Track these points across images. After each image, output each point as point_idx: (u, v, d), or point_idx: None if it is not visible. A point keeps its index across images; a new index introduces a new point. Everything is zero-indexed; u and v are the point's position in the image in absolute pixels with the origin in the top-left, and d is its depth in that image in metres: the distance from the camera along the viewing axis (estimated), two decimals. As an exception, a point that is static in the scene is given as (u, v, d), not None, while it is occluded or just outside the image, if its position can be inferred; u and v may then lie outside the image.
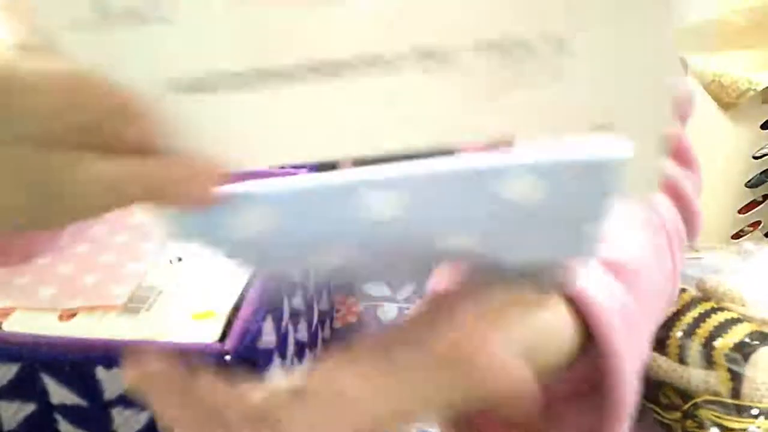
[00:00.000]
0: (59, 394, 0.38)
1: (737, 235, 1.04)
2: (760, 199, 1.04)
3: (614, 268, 0.34)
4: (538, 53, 0.19)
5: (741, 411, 0.52)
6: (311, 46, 0.19)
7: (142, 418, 0.37)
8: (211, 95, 0.20)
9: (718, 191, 0.97)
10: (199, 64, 0.19)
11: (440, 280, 0.28)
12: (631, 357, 0.31)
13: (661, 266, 0.39)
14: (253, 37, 0.19)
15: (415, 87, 0.20)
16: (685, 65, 0.52)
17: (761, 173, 1.02)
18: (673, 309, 0.58)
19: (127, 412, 0.37)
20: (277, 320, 0.43)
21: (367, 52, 0.19)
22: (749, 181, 1.02)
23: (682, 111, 0.49)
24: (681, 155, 0.47)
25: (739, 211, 1.03)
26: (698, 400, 0.53)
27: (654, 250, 0.39)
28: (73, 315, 0.42)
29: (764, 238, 1.06)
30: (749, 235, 1.04)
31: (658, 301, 0.38)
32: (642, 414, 0.58)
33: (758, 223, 1.05)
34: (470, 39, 0.19)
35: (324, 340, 0.60)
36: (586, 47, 0.19)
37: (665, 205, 0.43)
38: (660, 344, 0.57)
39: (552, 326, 0.28)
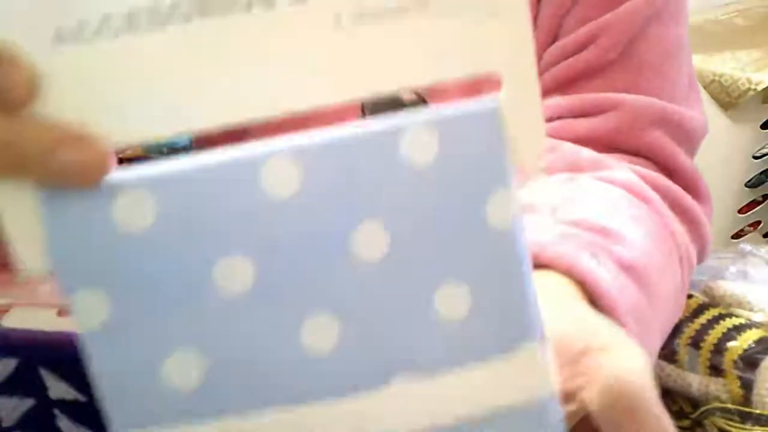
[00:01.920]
0: (58, 389, 0.38)
1: (737, 235, 1.04)
2: (760, 199, 1.04)
3: (627, 267, 0.34)
4: None
5: (751, 419, 0.52)
6: None
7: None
8: (96, 42, 0.17)
9: (718, 191, 0.97)
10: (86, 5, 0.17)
11: None
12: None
13: (672, 273, 0.39)
14: None
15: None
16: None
17: (761, 173, 1.02)
18: (681, 316, 0.58)
19: (125, 406, 0.38)
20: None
21: None
22: (749, 181, 1.02)
23: (695, 140, 0.49)
24: (693, 186, 0.47)
25: (739, 211, 1.03)
26: (708, 408, 0.53)
27: (666, 259, 0.38)
28: (72, 311, 0.42)
29: (763, 238, 1.06)
30: (749, 235, 1.04)
31: (669, 306, 0.38)
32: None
33: (758, 223, 1.05)
34: None
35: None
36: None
37: (680, 230, 0.43)
38: (668, 352, 0.57)
39: None
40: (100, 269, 0.18)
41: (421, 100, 0.50)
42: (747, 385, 0.52)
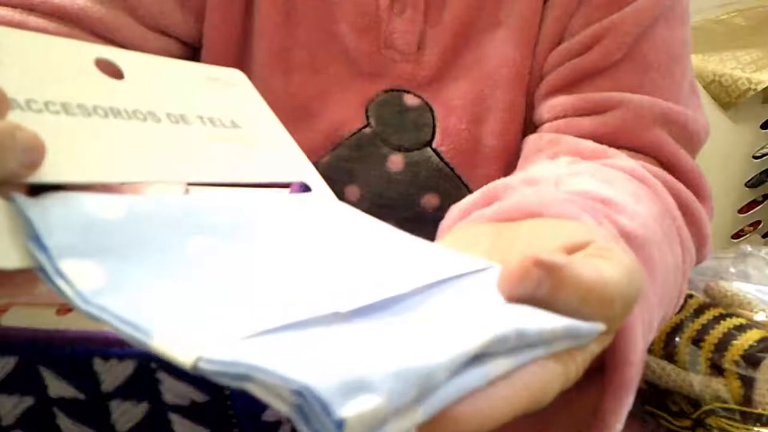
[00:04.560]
0: (57, 387, 0.38)
1: (737, 235, 1.04)
2: (760, 199, 1.04)
3: (627, 235, 0.33)
4: None
5: (752, 418, 0.52)
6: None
7: (140, 409, 0.37)
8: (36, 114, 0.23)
9: (718, 191, 0.97)
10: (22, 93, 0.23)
11: None
12: (642, 330, 0.30)
13: (672, 253, 0.39)
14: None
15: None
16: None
17: (761, 173, 1.02)
18: (681, 316, 0.58)
19: (125, 404, 0.37)
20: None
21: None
22: (749, 181, 1.02)
23: (697, 143, 0.49)
24: (694, 185, 0.47)
25: (739, 211, 1.04)
26: (709, 407, 0.53)
27: (666, 237, 0.38)
28: (70, 309, 0.42)
29: (762, 238, 1.06)
30: (749, 235, 1.04)
31: (668, 285, 0.37)
32: (648, 421, 0.58)
33: (758, 223, 1.05)
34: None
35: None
36: None
37: (680, 217, 0.43)
38: (668, 352, 0.57)
39: None
40: (85, 245, 0.19)
41: (424, 104, 0.50)
42: (748, 385, 0.52)
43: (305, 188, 0.30)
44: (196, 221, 0.23)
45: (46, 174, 0.21)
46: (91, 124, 0.24)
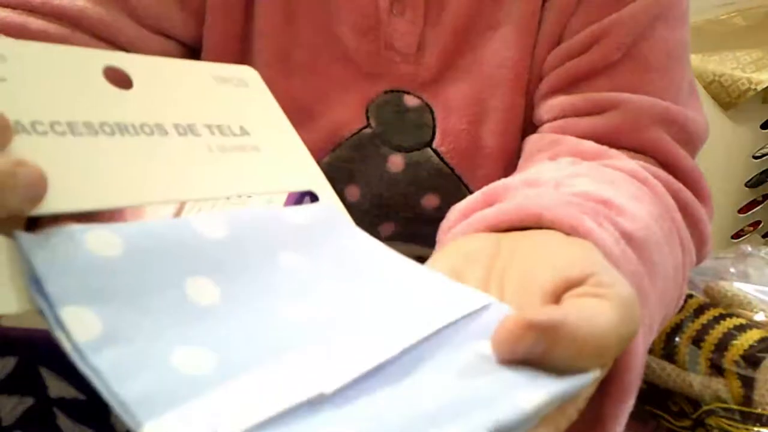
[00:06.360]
0: (57, 387, 0.38)
1: (737, 235, 1.04)
2: (760, 199, 1.04)
3: (627, 237, 0.33)
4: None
5: (752, 418, 0.52)
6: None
7: (141, 410, 0.37)
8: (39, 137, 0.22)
9: (718, 191, 0.97)
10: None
11: None
12: (643, 334, 0.30)
13: (672, 255, 0.39)
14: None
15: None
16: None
17: (761, 173, 1.02)
18: (681, 316, 0.58)
19: (126, 405, 0.38)
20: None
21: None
22: (749, 181, 1.02)
23: (697, 143, 0.49)
24: (694, 185, 0.47)
25: (739, 211, 1.03)
26: (709, 407, 0.53)
27: (666, 238, 0.38)
28: (72, 310, 0.42)
29: (762, 238, 1.06)
30: (749, 235, 1.04)
31: (668, 287, 0.37)
32: (648, 422, 0.58)
33: (758, 223, 1.05)
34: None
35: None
36: None
37: (680, 219, 0.43)
38: (668, 352, 0.57)
39: None
40: (85, 290, 0.19)
41: (424, 104, 0.50)
42: (748, 385, 0.52)
43: (304, 195, 0.30)
44: (193, 257, 0.22)
45: (49, 205, 0.21)
46: (97, 145, 0.23)
